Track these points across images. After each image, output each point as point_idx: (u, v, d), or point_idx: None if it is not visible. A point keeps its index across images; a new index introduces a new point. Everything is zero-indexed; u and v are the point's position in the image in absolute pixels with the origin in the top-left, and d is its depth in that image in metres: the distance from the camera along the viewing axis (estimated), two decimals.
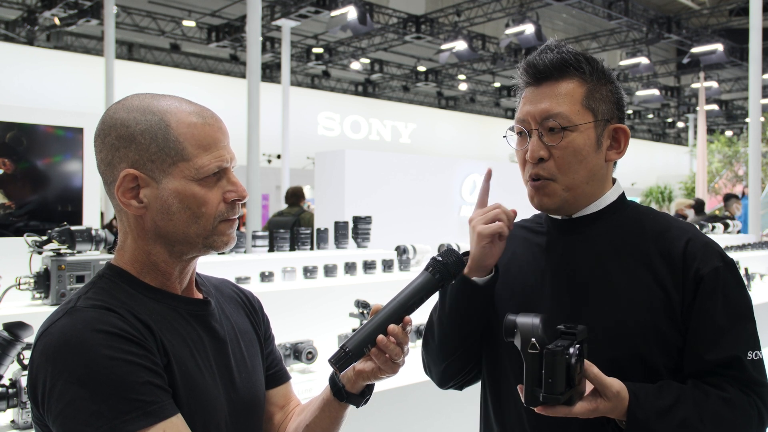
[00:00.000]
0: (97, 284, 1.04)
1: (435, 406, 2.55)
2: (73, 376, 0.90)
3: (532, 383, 1.02)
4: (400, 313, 1.13)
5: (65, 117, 3.40)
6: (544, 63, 1.23)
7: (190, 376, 1.02)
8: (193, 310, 1.10)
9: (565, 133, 1.20)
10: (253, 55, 10.08)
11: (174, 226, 1.04)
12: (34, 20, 14.26)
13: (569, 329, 1.04)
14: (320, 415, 1.21)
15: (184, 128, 1.04)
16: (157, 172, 1.03)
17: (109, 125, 1.04)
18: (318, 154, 6.81)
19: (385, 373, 1.15)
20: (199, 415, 1.02)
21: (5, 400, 1.79)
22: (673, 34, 16.17)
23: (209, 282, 1.23)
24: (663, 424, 1.09)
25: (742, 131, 22.61)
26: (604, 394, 1.07)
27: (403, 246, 4.24)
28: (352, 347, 1.10)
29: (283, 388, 1.30)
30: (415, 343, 3.00)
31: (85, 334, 0.93)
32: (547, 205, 1.26)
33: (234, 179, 1.09)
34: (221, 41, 16.45)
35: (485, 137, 24.93)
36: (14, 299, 2.44)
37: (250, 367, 1.17)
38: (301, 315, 2.98)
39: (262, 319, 1.29)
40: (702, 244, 1.22)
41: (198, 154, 1.04)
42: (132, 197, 1.03)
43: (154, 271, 1.07)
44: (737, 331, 1.17)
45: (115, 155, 1.03)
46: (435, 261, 1.18)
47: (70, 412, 0.89)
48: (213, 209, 1.05)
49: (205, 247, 1.07)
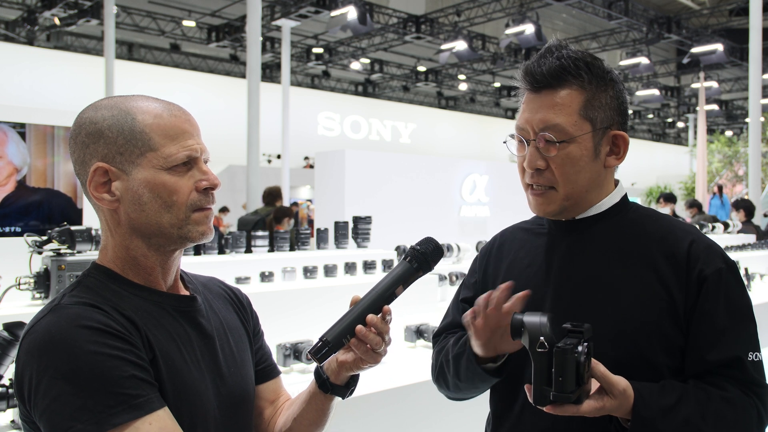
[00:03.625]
0: (82, 283, 1.05)
1: (436, 406, 2.55)
2: (59, 371, 0.91)
3: (541, 382, 1.01)
4: (379, 303, 1.13)
5: (65, 117, 3.40)
6: (542, 71, 1.22)
7: (176, 371, 1.02)
8: (179, 306, 1.10)
9: (562, 145, 1.21)
10: (253, 55, 10.08)
11: (147, 216, 1.04)
12: (34, 20, 14.27)
13: (576, 327, 1.04)
14: (307, 407, 1.21)
15: (150, 119, 1.05)
16: (126, 164, 1.04)
17: (79, 125, 1.06)
18: (318, 154, 6.80)
19: (367, 363, 1.15)
20: (186, 409, 1.02)
21: (5, 400, 1.79)
22: (673, 34, 16.18)
23: (197, 280, 1.23)
24: (667, 422, 1.09)
25: (742, 131, 22.61)
26: (611, 392, 1.07)
27: (403, 246, 4.23)
28: (332, 338, 1.11)
29: (272, 383, 1.30)
30: (414, 343, 3.00)
31: (70, 330, 0.93)
32: (547, 212, 1.27)
33: (205, 168, 1.09)
34: (221, 41, 16.46)
35: (485, 137, 24.94)
36: (14, 299, 2.44)
37: (239, 362, 1.17)
38: (301, 315, 2.98)
39: (251, 315, 1.30)
40: (705, 246, 1.22)
41: (165, 144, 1.05)
42: (104, 191, 1.05)
43: (136, 266, 1.08)
44: (738, 332, 1.18)
45: (86, 152, 1.05)
46: (413, 250, 1.18)
47: (57, 408, 0.90)
48: (184, 197, 1.05)
49: (181, 238, 1.07)
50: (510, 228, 1.46)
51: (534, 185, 1.25)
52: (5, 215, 3.21)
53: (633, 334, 1.17)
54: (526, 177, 1.27)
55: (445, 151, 23.02)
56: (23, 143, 3.25)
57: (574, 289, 1.24)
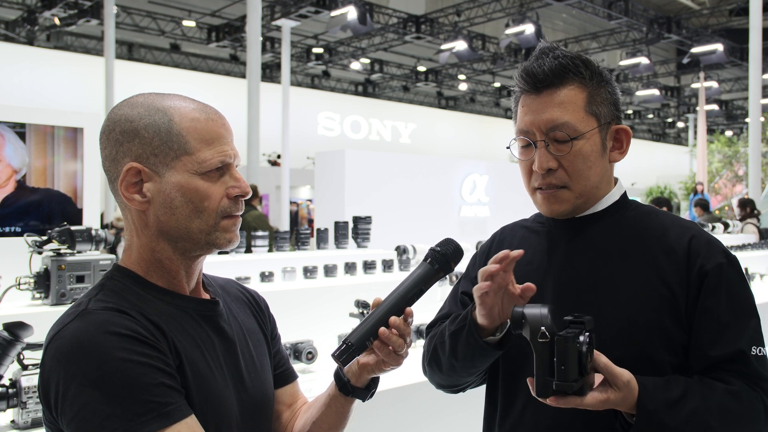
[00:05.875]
0: (106, 286, 1.04)
1: (436, 406, 2.54)
2: (87, 379, 0.90)
3: (543, 373, 1.01)
4: (401, 305, 1.14)
5: (65, 117, 3.40)
6: (543, 70, 1.21)
7: (201, 377, 1.02)
8: (202, 310, 1.10)
9: (573, 143, 1.20)
10: (253, 55, 10.08)
11: (176, 220, 1.03)
12: (34, 20, 14.26)
13: (577, 318, 1.03)
14: (327, 411, 1.20)
15: (187, 123, 1.04)
16: (160, 166, 1.02)
17: (113, 121, 1.04)
18: (318, 154, 6.81)
19: (389, 365, 1.14)
20: (212, 416, 1.01)
21: (5, 400, 1.79)
22: (673, 34, 16.17)
23: (215, 282, 1.23)
24: (672, 415, 1.08)
25: (742, 131, 22.62)
26: (614, 384, 1.06)
27: (403, 246, 4.23)
28: (355, 341, 1.10)
29: (290, 387, 1.30)
30: (415, 343, 3.00)
31: (98, 337, 0.92)
32: (560, 212, 1.26)
33: (237, 175, 1.08)
34: (221, 41, 16.46)
35: (485, 137, 24.93)
36: (14, 299, 2.44)
37: (258, 367, 1.17)
38: (301, 315, 2.97)
39: (269, 318, 1.30)
40: (705, 241, 1.22)
41: (201, 148, 1.03)
42: (135, 192, 1.03)
43: (160, 270, 1.07)
44: (741, 327, 1.17)
45: (119, 150, 1.03)
46: (433, 251, 1.18)
47: (85, 415, 0.89)
48: (215, 204, 1.05)
49: (208, 244, 1.06)
50: (510, 225, 1.46)
51: (544, 186, 1.24)
52: (5, 215, 3.21)
53: (634, 331, 1.17)
54: (533, 180, 1.26)
55: (445, 151, 23.01)
56: (21, 143, 3.25)
57: (575, 286, 1.24)
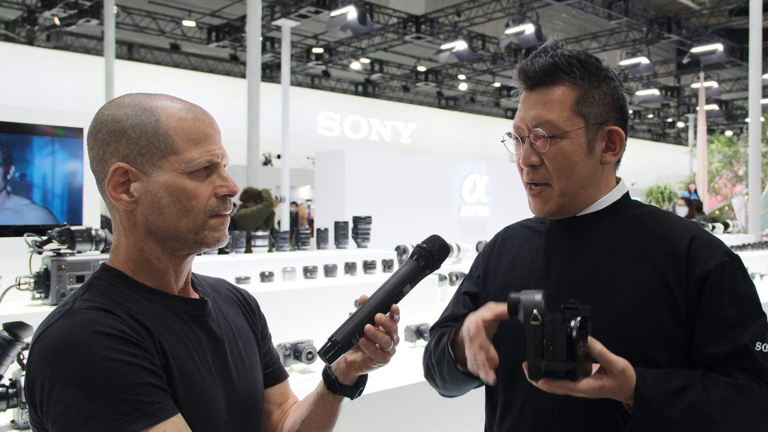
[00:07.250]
0: (93, 285, 1.04)
1: (436, 406, 2.55)
2: (72, 378, 0.90)
3: (534, 356, 1.01)
4: (387, 302, 1.13)
5: (65, 117, 3.40)
6: (534, 69, 1.24)
7: (188, 376, 1.02)
8: (190, 310, 1.10)
9: (554, 141, 1.22)
10: (253, 55, 10.09)
11: (164, 220, 1.03)
12: (34, 20, 14.27)
13: (572, 305, 1.03)
14: (315, 409, 1.21)
15: (174, 122, 1.04)
16: (147, 166, 1.03)
17: (100, 122, 1.05)
18: (318, 154, 6.81)
19: (376, 362, 1.15)
20: (199, 415, 1.01)
21: (5, 400, 1.79)
22: (673, 34, 16.18)
23: (205, 282, 1.23)
24: (672, 406, 1.07)
25: (742, 131, 22.63)
26: (609, 371, 1.05)
27: (403, 246, 4.24)
28: (341, 338, 1.10)
29: (280, 386, 1.30)
30: (414, 343, 3.01)
31: (83, 336, 0.92)
32: (545, 211, 1.28)
33: (225, 174, 1.08)
34: (221, 41, 16.46)
35: (485, 137, 24.94)
36: (14, 299, 2.44)
37: (248, 366, 1.17)
38: (301, 315, 2.98)
39: (259, 317, 1.29)
40: (706, 241, 1.22)
41: (188, 148, 1.04)
42: (122, 191, 1.03)
43: (148, 269, 1.07)
44: (746, 324, 1.16)
45: (106, 150, 1.03)
46: (420, 248, 1.18)
47: (70, 414, 0.89)
48: (203, 203, 1.05)
49: (197, 243, 1.06)
50: (513, 225, 1.46)
51: (531, 184, 1.27)
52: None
53: (633, 330, 1.17)
54: (524, 175, 1.29)
55: (445, 151, 23.02)
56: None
57: (575, 286, 1.24)
